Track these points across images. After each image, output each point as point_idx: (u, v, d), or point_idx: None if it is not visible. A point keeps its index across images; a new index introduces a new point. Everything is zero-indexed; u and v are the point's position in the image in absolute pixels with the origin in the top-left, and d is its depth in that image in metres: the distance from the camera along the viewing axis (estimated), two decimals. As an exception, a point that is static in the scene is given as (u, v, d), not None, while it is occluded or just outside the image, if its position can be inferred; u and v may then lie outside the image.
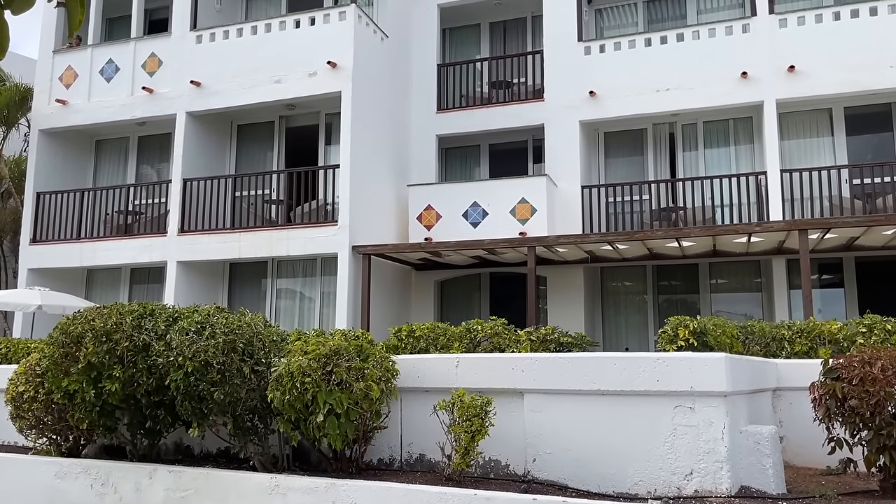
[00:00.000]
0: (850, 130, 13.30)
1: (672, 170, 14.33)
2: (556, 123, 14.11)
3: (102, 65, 14.75)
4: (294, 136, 14.97)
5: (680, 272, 14.22)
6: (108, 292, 15.03)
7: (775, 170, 12.66)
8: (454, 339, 8.28)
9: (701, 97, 13.28)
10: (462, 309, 14.91)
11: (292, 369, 6.13)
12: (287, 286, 14.24)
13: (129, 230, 14.53)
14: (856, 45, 12.43)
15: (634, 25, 15.39)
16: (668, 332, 7.14)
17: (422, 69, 15.27)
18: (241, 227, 13.52)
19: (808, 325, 8.15)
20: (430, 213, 13.79)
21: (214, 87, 13.83)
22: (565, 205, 13.73)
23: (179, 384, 6.36)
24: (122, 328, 6.72)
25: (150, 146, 15.73)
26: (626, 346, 14.09)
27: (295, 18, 13.60)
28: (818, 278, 13.44)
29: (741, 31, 13.26)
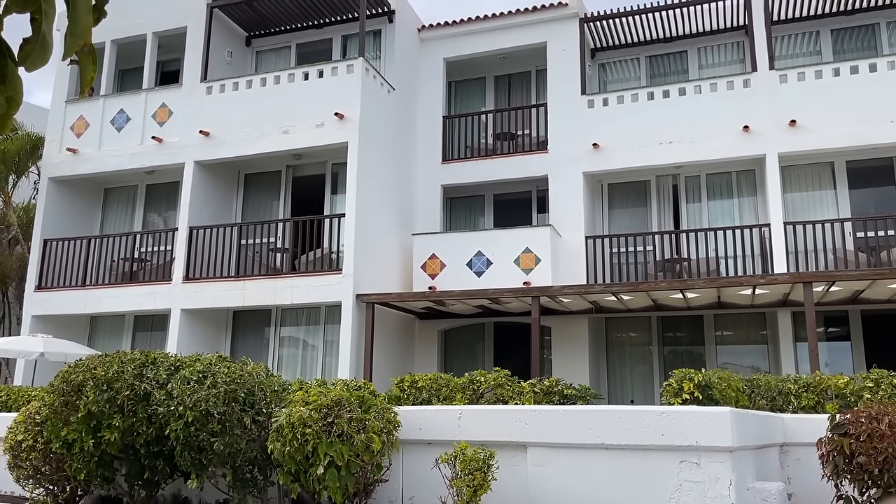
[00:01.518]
0: (853, 184, 13.38)
1: (676, 221, 14.39)
2: (559, 174, 14.24)
3: (114, 115, 15.02)
4: (300, 185, 15.12)
5: (685, 323, 14.15)
6: (110, 339, 15.00)
7: (779, 222, 12.71)
8: (457, 391, 8.22)
9: (703, 150, 13.42)
10: (466, 358, 14.81)
11: (293, 420, 6.08)
12: (290, 334, 14.20)
13: (135, 277, 14.58)
14: (856, 100, 12.60)
15: (637, 80, 15.65)
16: (673, 385, 7.07)
17: (428, 121, 15.51)
18: (245, 275, 13.56)
19: (815, 379, 8.07)
20: (434, 262, 13.82)
21: (223, 136, 14.04)
22: (569, 255, 13.76)
23: (179, 434, 6.30)
24: (124, 377, 6.70)
25: (157, 194, 15.90)
26: (631, 397, 13.93)
27: (304, 71, 13.88)
28: (824, 331, 13.36)
29: (742, 86, 13.47)
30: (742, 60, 14.86)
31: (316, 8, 15.00)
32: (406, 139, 15.09)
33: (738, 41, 15.00)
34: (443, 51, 15.73)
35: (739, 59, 14.97)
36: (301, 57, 15.90)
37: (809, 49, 14.65)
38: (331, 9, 15.05)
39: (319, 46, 15.87)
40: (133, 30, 15.22)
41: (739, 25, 14.69)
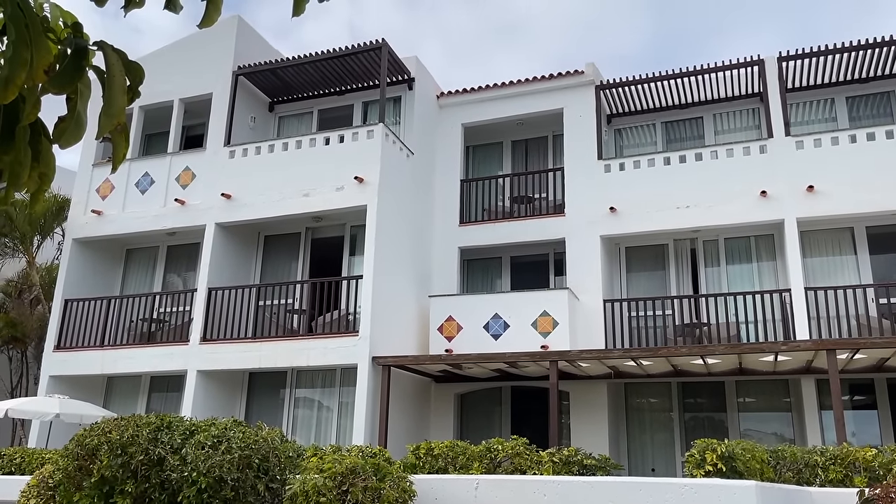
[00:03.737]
0: (874, 249, 13.28)
1: (695, 285, 14.29)
2: (577, 237, 14.27)
3: (139, 177, 15.36)
4: (319, 247, 15.26)
5: (706, 390, 13.89)
6: (126, 400, 14.97)
7: (799, 287, 12.58)
8: (474, 459, 8.07)
9: (721, 215, 13.42)
10: (482, 423, 14.58)
11: (307, 488, 5.98)
12: (305, 396, 14.10)
13: (152, 338, 14.63)
14: (873, 166, 12.62)
15: (653, 144, 15.81)
16: (696, 455, 6.90)
17: (445, 184, 15.69)
18: (262, 337, 13.57)
19: (842, 451, 7.85)
20: (451, 324, 13.77)
21: (244, 199, 14.27)
22: (587, 318, 13.66)
23: (192, 501, 6.22)
24: (139, 441, 6.66)
25: (178, 255, 16.09)
26: (651, 466, 13.59)
27: (325, 136, 14.18)
28: (849, 399, 13.05)
29: (758, 151, 13.55)
30: (758, 126, 14.99)
31: (338, 76, 15.42)
32: (424, 202, 15.26)
33: (754, 108, 15.17)
34: (461, 116, 16.03)
35: (755, 125, 15.10)
36: (322, 122, 16.27)
37: (825, 116, 14.76)
38: (352, 76, 15.46)
39: (341, 112, 16.24)
40: (160, 96, 15.68)
41: (755, 93, 14.88)
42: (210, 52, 15.64)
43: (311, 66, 15.02)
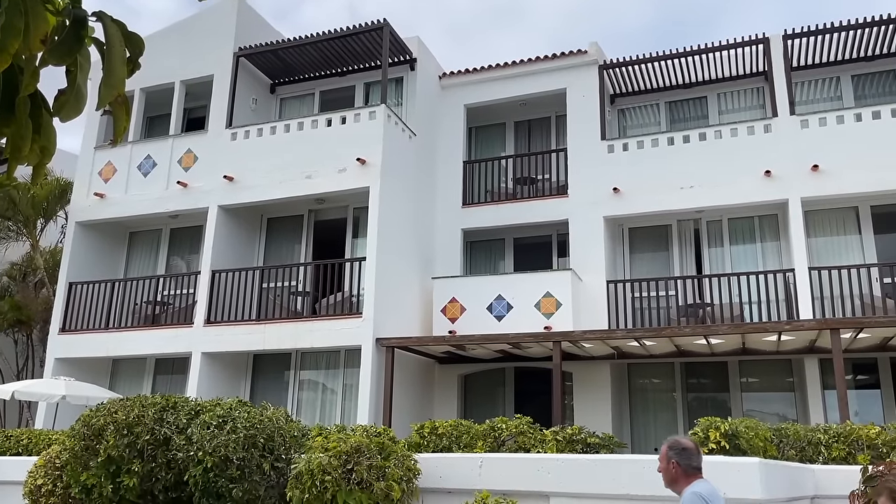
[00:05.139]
0: (878, 228, 13.22)
1: (698, 265, 14.27)
2: (580, 218, 14.24)
3: (141, 160, 15.33)
4: (322, 229, 15.25)
5: (709, 370, 13.91)
6: (131, 382, 15.05)
7: (803, 267, 12.55)
8: (478, 438, 8.10)
9: (725, 195, 13.36)
10: (486, 403, 14.63)
11: (312, 467, 6.01)
12: (310, 378, 14.16)
13: (157, 321, 14.68)
14: (879, 145, 12.53)
15: (657, 125, 15.72)
16: (699, 434, 6.92)
17: (448, 166, 15.64)
18: (266, 319, 13.60)
19: (845, 428, 7.86)
20: (454, 305, 13.78)
21: (247, 181, 14.25)
22: (590, 299, 13.66)
23: (198, 480, 6.26)
24: (144, 421, 6.70)
25: (181, 238, 16.10)
26: (654, 446, 13.62)
27: (327, 118, 14.12)
28: (853, 378, 13.05)
29: (763, 130, 13.46)
30: (762, 106, 14.88)
31: (339, 56, 15.32)
32: (427, 184, 15.22)
33: (758, 87, 15.05)
34: (463, 97, 15.94)
35: (759, 104, 14.99)
36: (324, 104, 16.19)
37: (830, 94, 14.65)
38: (354, 57, 15.37)
39: (342, 93, 16.16)
40: (161, 78, 15.61)
41: (759, 71, 14.76)
42: (210, 33, 15.55)
43: (313, 47, 14.93)
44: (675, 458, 4.00)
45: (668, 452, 4.05)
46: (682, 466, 3.98)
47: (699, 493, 3.81)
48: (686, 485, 3.92)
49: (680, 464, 3.99)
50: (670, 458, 4.02)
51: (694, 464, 4.00)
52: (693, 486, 3.89)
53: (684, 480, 3.94)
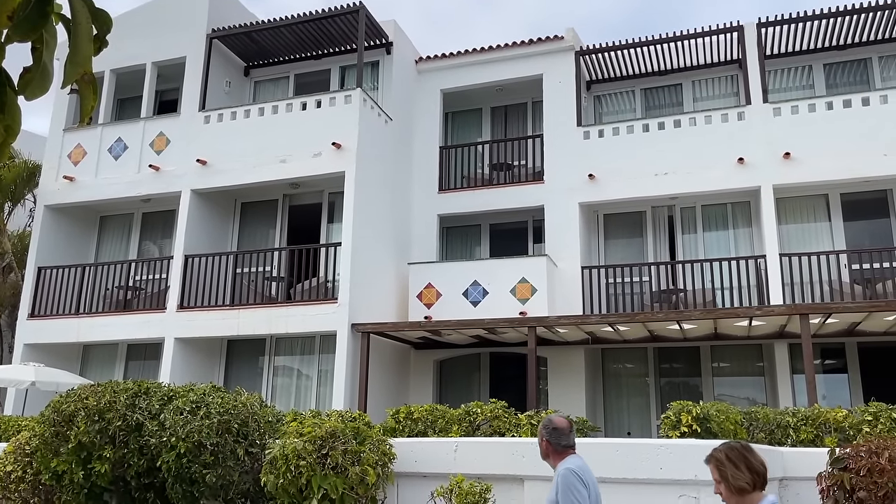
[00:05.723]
0: (848, 216, 13.44)
1: (672, 252, 14.41)
2: (555, 205, 14.29)
3: (111, 143, 15.07)
4: (297, 214, 15.13)
5: (681, 355, 14.09)
6: (103, 368, 14.86)
7: (774, 254, 12.73)
8: (453, 422, 8.13)
9: (698, 181, 13.49)
10: (461, 389, 14.70)
11: (287, 452, 6.00)
12: (285, 364, 14.10)
13: (129, 306, 14.49)
14: (849, 133, 12.72)
15: (632, 111, 15.79)
16: (671, 417, 7.01)
17: (424, 151, 15.59)
18: (240, 304, 13.50)
19: (813, 412, 8.02)
20: (430, 291, 13.78)
21: (220, 165, 14.08)
22: (565, 285, 13.74)
23: (171, 466, 6.21)
24: (116, 407, 6.62)
25: (153, 222, 15.88)
26: (627, 429, 13.82)
27: (302, 101, 13.98)
28: (821, 363, 13.31)
29: (737, 118, 13.59)
30: (736, 93, 15.02)
31: (314, 39, 15.15)
32: (403, 169, 15.16)
33: (733, 74, 15.18)
34: (440, 82, 15.87)
35: (734, 92, 15.12)
36: (299, 87, 16.02)
37: (803, 83, 14.82)
38: (329, 40, 15.20)
39: (317, 77, 16.00)
40: (132, 59, 15.33)
41: (733, 59, 14.88)
42: (183, 14, 15.28)
43: (287, 30, 14.74)
44: (546, 437, 4.24)
45: (542, 431, 4.29)
46: (552, 445, 4.22)
47: (571, 469, 4.04)
48: (559, 460, 4.16)
49: (551, 442, 4.22)
50: (542, 436, 4.27)
51: (564, 442, 4.22)
52: (566, 461, 4.13)
53: (556, 457, 4.19)
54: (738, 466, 3.13)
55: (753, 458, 3.15)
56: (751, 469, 3.12)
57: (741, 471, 3.12)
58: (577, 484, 3.97)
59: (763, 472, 3.14)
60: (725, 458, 3.19)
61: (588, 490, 4.01)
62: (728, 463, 3.17)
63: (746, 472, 3.11)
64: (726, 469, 3.17)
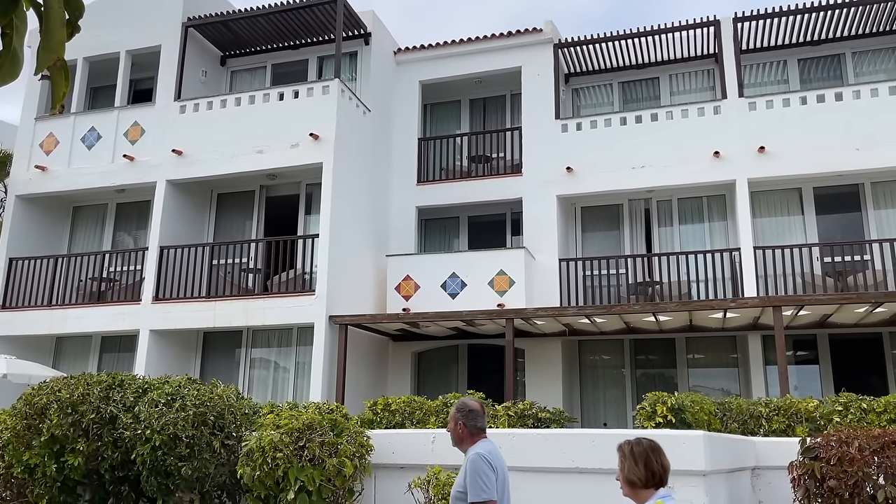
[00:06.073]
0: (820, 210, 13.64)
1: (648, 244, 14.53)
2: (534, 197, 14.33)
3: (84, 132, 14.83)
4: (274, 205, 15.03)
5: (657, 346, 14.24)
6: (76, 361, 14.67)
7: (748, 247, 12.89)
8: (430, 414, 8.15)
9: (675, 175, 13.60)
10: (439, 381, 14.73)
11: (263, 444, 5.97)
12: (261, 356, 14.02)
13: (103, 297, 14.31)
14: (822, 128, 12.89)
15: (610, 105, 15.87)
16: (647, 408, 7.09)
17: (403, 142, 15.54)
18: (216, 296, 13.39)
19: (785, 402, 8.15)
20: (408, 283, 13.78)
21: (196, 156, 13.92)
22: (543, 277, 13.81)
23: (146, 459, 6.16)
24: (89, 399, 6.54)
25: (128, 213, 15.68)
26: (604, 420, 13.94)
27: (279, 91, 13.86)
28: (793, 355, 13.52)
29: (713, 112, 13.71)
30: (712, 87, 15.15)
31: (292, 29, 15.02)
32: (381, 160, 15.10)
33: (709, 69, 15.30)
34: (418, 73, 15.82)
35: (710, 86, 15.25)
36: (276, 77, 15.88)
37: (777, 78, 14.98)
38: (307, 30, 15.08)
39: (295, 67, 15.87)
40: (106, 47, 15.09)
41: (710, 54, 15.00)
42: (158, 1, 15.06)
43: (264, 19, 14.59)
44: (461, 420, 4.21)
45: (456, 414, 4.25)
46: (468, 427, 4.19)
47: (480, 453, 4.01)
48: (471, 444, 4.14)
49: (466, 425, 4.19)
50: (457, 419, 4.23)
51: (479, 424, 4.22)
52: (476, 446, 4.10)
53: (469, 440, 4.16)
54: (637, 462, 3.33)
55: (655, 458, 3.35)
56: (647, 467, 3.32)
57: (638, 467, 3.32)
58: (486, 468, 3.93)
59: (660, 473, 3.34)
60: (629, 453, 3.39)
61: (496, 474, 3.98)
62: (629, 456, 3.37)
63: (642, 470, 3.32)
64: (625, 462, 3.38)
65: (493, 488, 3.95)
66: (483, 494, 3.90)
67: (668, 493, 3.36)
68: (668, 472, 3.41)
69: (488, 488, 3.91)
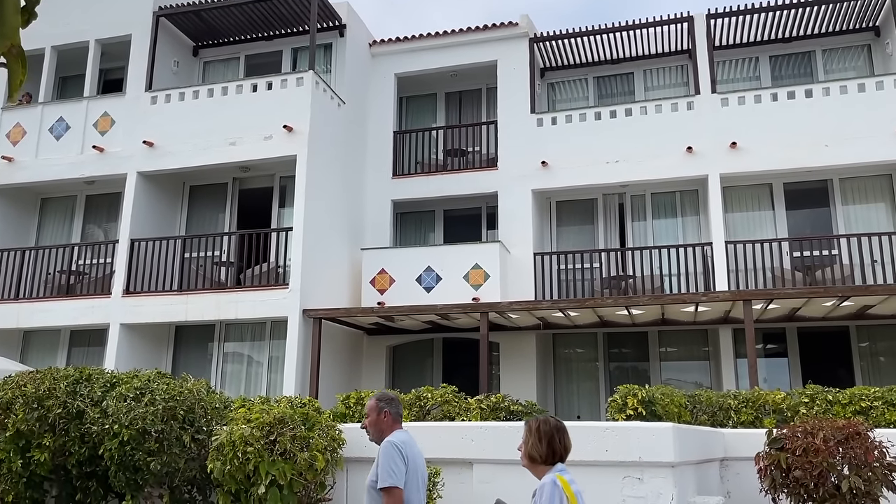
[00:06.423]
0: (790, 205, 13.83)
1: (622, 239, 14.64)
2: (509, 191, 14.36)
3: (53, 123, 14.56)
4: (247, 198, 14.89)
5: (630, 340, 14.36)
6: (45, 355, 14.42)
7: (720, 241, 13.04)
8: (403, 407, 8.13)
9: (649, 170, 13.70)
10: (414, 374, 14.72)
11: (234, 438, 5.92)
12: (234, 350, 13.90)
13: (72, 291, 14.09)
14: (793, 124, 13.06)
15: (585, 99, 15.93)
16: (618, 400, 7.15)
17: (378, 136, 15.48)
18: (188, 290, 13.24)
19: (753, 394, 8.26)
20: (383, 277, 13.74)
21: (168, 147, 13.74)
22: (518, 271, 13.85)
23: (114, 454, 6.08)
24: (56, 394, 6.44)
25: (97, 205, 15.43)
26: (577, 413, 14.04)
27: (252, 83, 13.71)
28: (763, 348, 13.72)
29: (686, 108, 13.82)
30: (686, 83, 15.27)
31: (266, 20, 14.86)
32: (356, 153, 15.02)
33: (683, 64, 15.42)
34: (394, 66, 15.76)
35: (683, 81, 15.37)
36: (250, 69, 15.71)
37: (749, 74, 15.15)
38: (281, 21, 14.93)
39: (269, 59, 15.71)
40: (74, 36, 14.82)
41: (683, 49, 15.11)
42: (128, -10, 14.81)
43: (238, 9, 14.42)
44: (387, 408, 4.17)
45: (380, 404, 4.19)
46: (392, 415, 4.16)
47: (393, 442, 3.98)
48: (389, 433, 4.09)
49: (391, 412, 4.16)
50: (382, 408, 4.17)
51: (400, 412, 4.24)
52: (392, 435, 4.07)
53: (390, 429, 4.12)
54: (541, 440, 3.53)
55: (559, 438, 3.56)
56: (550, 446, 3.52)
57: (541, 444, 3.52)
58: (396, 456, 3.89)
59: (561, 451, 3.55)
60: (535, 430, 3.58)
61: (406, 464, 3.93)
62: (535, 433, 3.56)
63: (545, 447, 3.52)
64: (530, 438, 3.57)
65: (402, 476, 3.89)
66: (389, 480, 3.85)
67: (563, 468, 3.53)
68: (568, 452, 3.59)
69: (395, 475, 3.86)
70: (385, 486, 3.85)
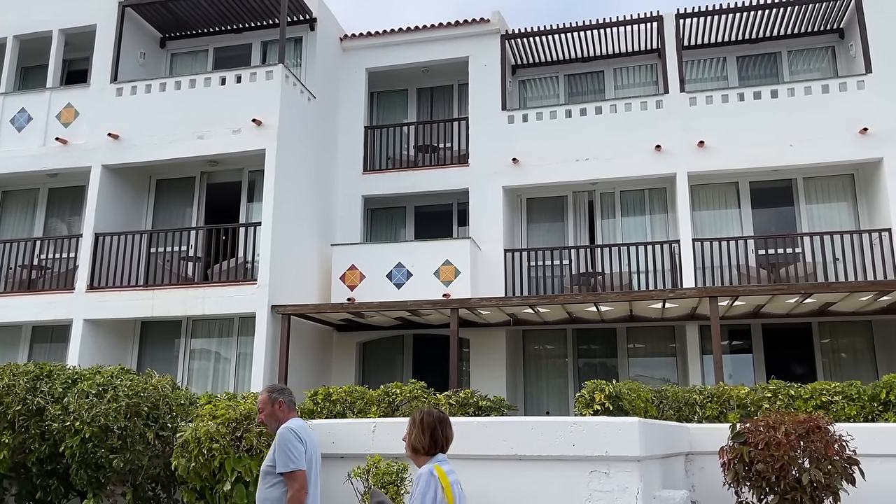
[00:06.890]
0: (756, 203, 14.05)
1: (591, 236, 14.75)
2: (480, 188, 14.38)
3: (14, 114, 14.22)
4: (215, 192, 14.70)
5: (599, 336, 14.48)
6: (5, 352, 14.10)
7: (687, 239, 13.20)
8: (372, 403, 8.11)
9: (618, 167, 13.82)
10: (384, 371, 14.68)
11: (199, 435, 5.84)
12: (202, 346, 13.73)
13: (33, 286, 13.79)
14: (759, 124, 13.26)
15: (556, 97, 16.01)
16: (585, 396, 7.20)
17: (349, 131, 15.39)
18: (154, 285, 13.05)
19: (718, 389, 8.38)
20: (353, 273, 13.67)
21: (133, 140, 13.51)
22: (489, 268, 13.88)
23: (75, 451, 5.96)
24: (15, 390, 6.30)
25: (61, 199, 15.11)
26: (546, 409, 14.13)
27: (221, 76, 13.54)
28: (728, 344, 13.92)
29: (655, 106, 13.96)
30: (655, 82, 15.42)
31: (235, 12, 14.68)
32: (326, 149, 14.92)
33: (652, 63, 15.57)
34: (365, 61, 15.67)
35: (653, 80, 15.52)
36: (219, 61, 15.51)
37: (717, 74, 15.35)
38: (250, 14, 14.76)
39: (238, 51, 15.52)
40: (37, 26, 14.50)
41: (653, 49, 15.25)
42: (93, -21, 14.52)
43: (206, 1, 14.21)
44: (280, 398, 4.30)
45: (272, 395, 4.33)
46: (287, 403, 4.29)
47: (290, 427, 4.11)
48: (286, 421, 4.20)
49: (285, 401, 4.29)
50: (275, 399, 4.30)
51: (293, 400, 4.35)
52: (288, 423, 4.18)
53: (287, 417, 4.25)
54: (424, 432, 3.69)
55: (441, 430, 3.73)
56: (433, 437, 3.69)
57: (424, 435, 3.69)
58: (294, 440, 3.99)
59: (442, 442, 3.71)
60: (419, 421, 3.74)
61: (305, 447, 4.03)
62: (419, 425, 3.72)
63: (427, 438, 3.69)
64: (414, 429, 3.72)
65: (302, 459, 3.99)
66: (291, 465, 3.95)
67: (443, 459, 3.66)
68: (449, 443, 3.72)
69: (297, 458, 3.97)
70: (288, 470, 3.94)
